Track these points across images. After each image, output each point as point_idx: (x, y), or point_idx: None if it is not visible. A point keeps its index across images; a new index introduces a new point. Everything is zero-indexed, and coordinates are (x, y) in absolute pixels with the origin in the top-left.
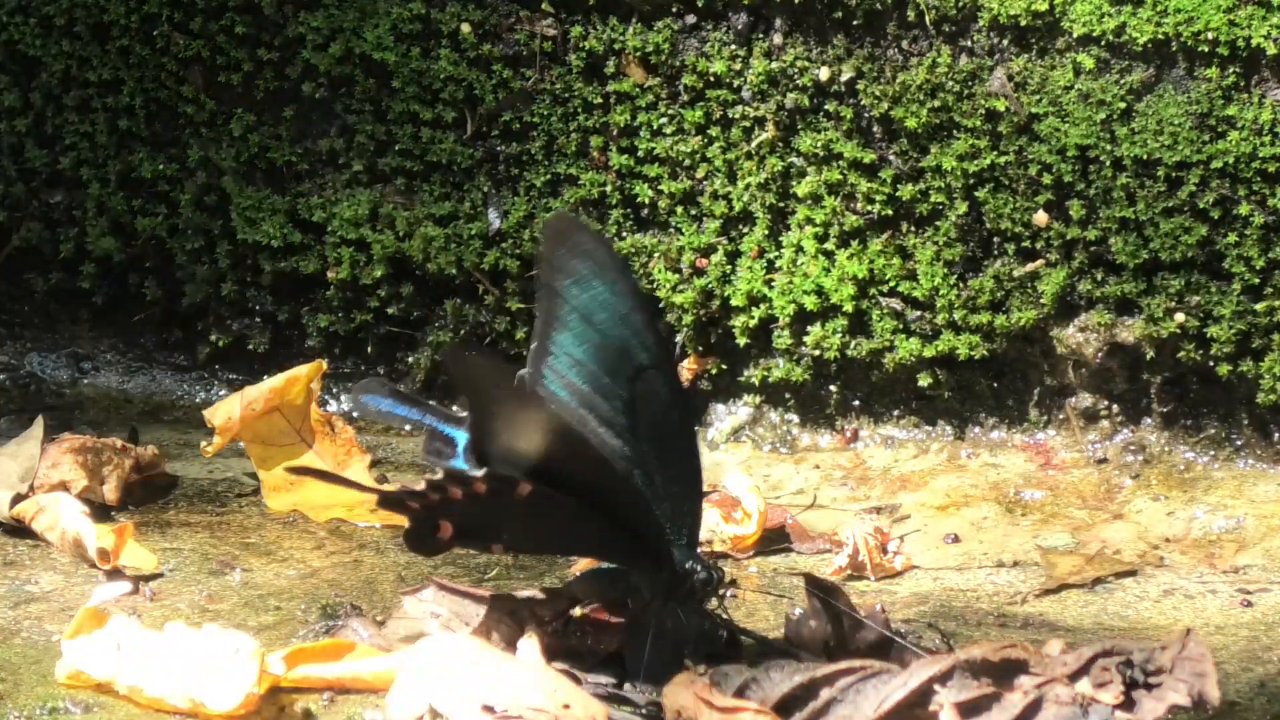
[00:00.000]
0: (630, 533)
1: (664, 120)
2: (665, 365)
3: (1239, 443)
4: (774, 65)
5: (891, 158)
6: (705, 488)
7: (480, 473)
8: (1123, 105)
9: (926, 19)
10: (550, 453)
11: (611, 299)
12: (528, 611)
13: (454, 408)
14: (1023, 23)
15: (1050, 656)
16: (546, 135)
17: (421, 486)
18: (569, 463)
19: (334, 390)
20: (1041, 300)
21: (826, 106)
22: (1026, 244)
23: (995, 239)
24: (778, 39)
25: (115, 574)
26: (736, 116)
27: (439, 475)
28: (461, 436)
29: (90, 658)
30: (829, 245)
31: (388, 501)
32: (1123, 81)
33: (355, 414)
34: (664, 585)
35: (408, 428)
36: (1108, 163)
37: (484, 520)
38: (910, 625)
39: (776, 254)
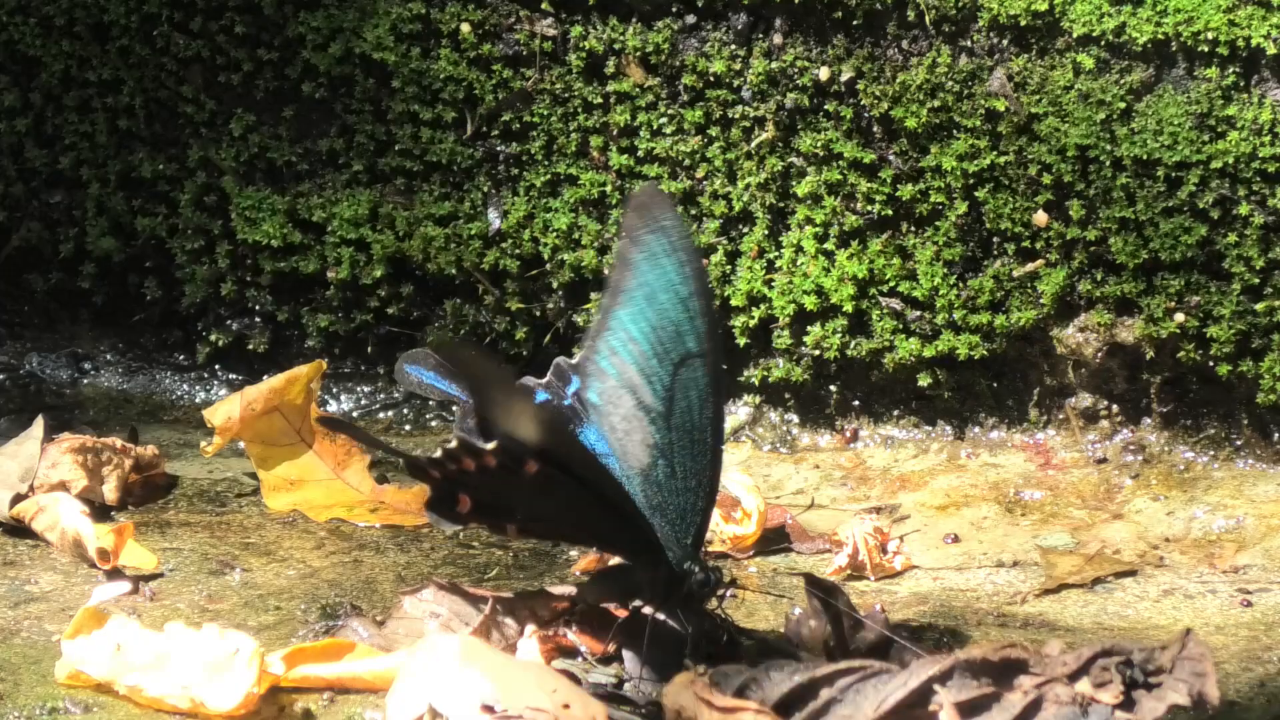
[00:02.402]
0: (629, 529)
1: (664, 120)
2: (710, 354)
3: (1239, 443)
4: (774, 65)
5: (891, 158)
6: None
7: (491, 445)
8: (1123, 105)
9: (926, 19)
10: (545, 443)
11: (677, 280)
12: (528, 611)
13: None
14: (1023, 23)
15: (1050, 656)
16: (546, 135)
17: (438, 454)
18: (564, 455)
19: (334, 390)
20: (1041, 300)
21: (826, 106)
22: (1026, 244)
23: (995, 239)
24: (777, 39)
25: (115, 574)
26: (736, 116)
27: (454, 444)
28: None
29: (90, 658)
30: (829, 245)
31: (413, 467)
32: (1123, 81)
33: (401, 382)
34: (662, 586)
35: (434, 423)
36: (1108, 163)
37: (498, 496)
38: (910, 625)
39: (776, 254)
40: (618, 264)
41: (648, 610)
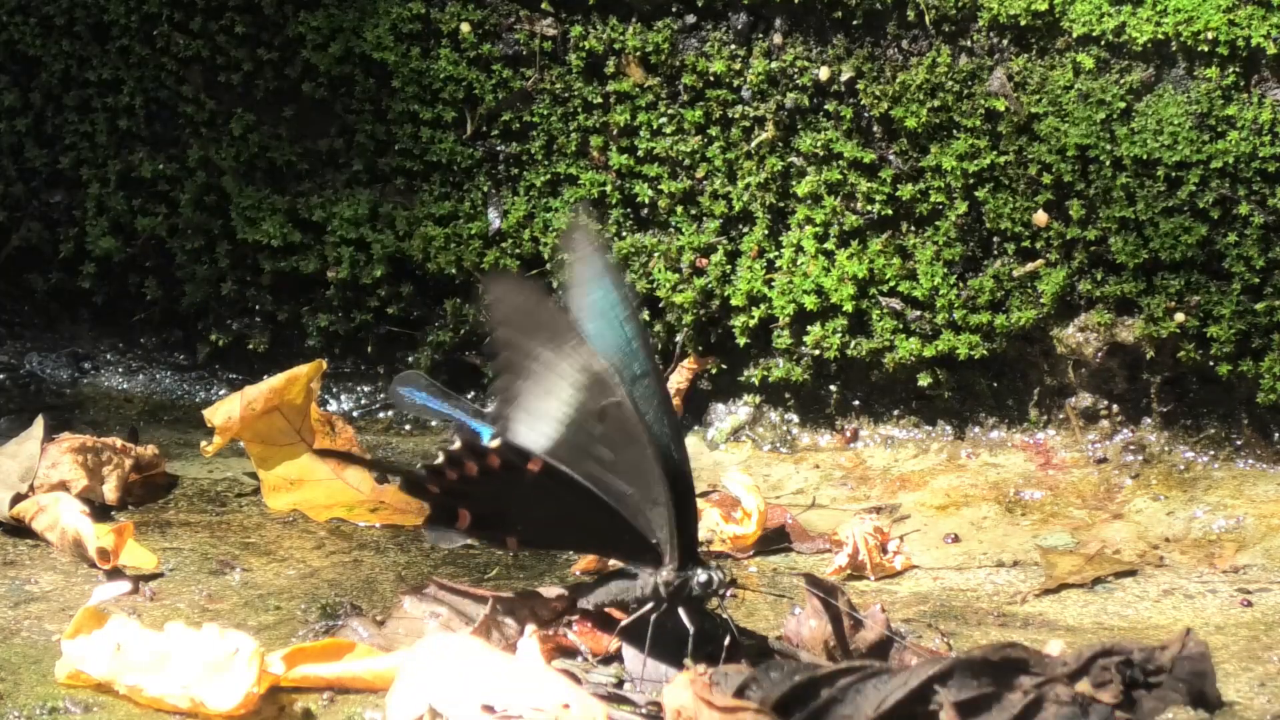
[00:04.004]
0: (637, 528)
1: (664, 120)
2: (654, 376)
3: (1239, 443)
4: (774, 65)
5: (891, 157)
6: (705, 487)
7: (495, 444)
8: (1122, 105)
9: (926, 19)
10: (585, 403)
11: (615, 304)
12: (528, 611)
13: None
14: (1023, 23)
15: (1050, 656)
16: (546, 135)
17: (440, 460)
18: (602, 418)
19: (334, 390)
20: (1041, 300)
21: (826, 106)
22: (1026, 244)
23: (995, 239)
24: (777, 39)
25: (115, 574)
26: (736, 116)
27: (457, 446)
28: (486, 431)
29: (90, 657)
30: (829, 245)
31: (410, 484)
32: (1123, 81)
33: (389, 403)
34: (665, 587)
35: (434, 423)
36: (1108, 163)
37: (499, 503)
38: (910, 625)
39: (776, 254)
40: (572, 282)
41: (649, 611)
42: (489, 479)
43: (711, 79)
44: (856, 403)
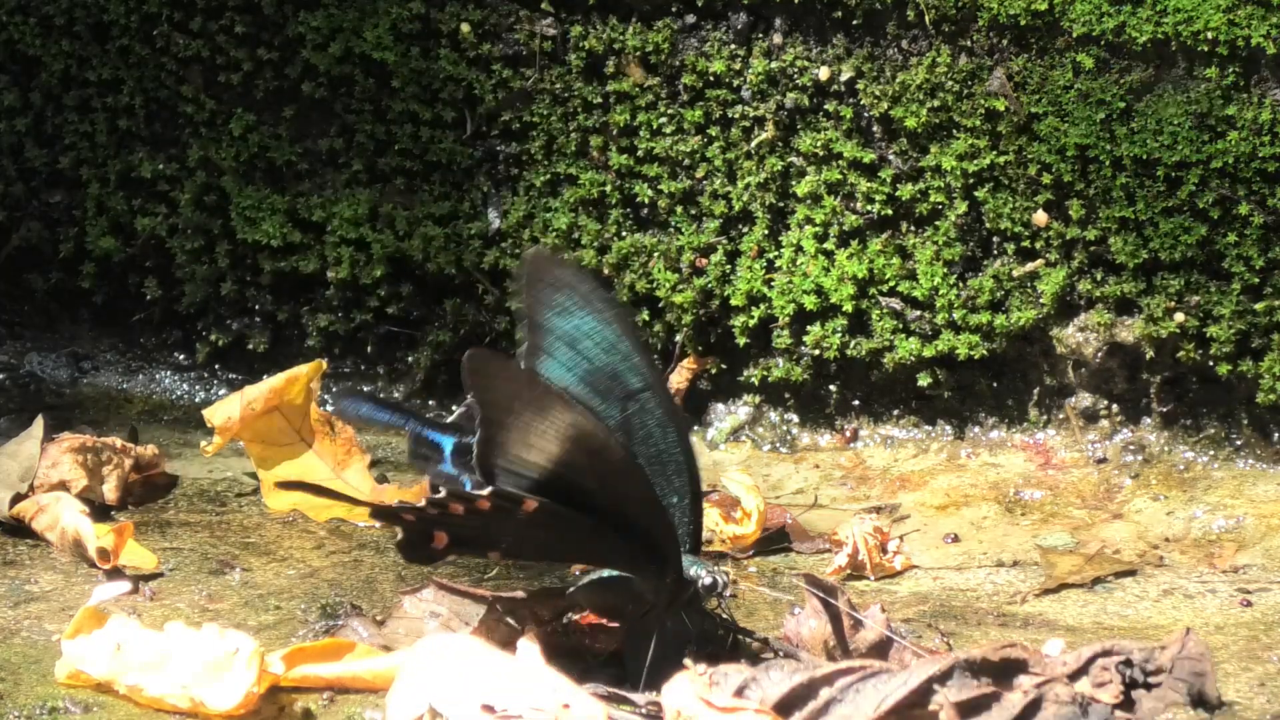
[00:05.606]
0: (637, 541)
1: (664, 120)
2: (657, 387)
3: (1239, 442)
4: (774, 65)
5: (891, 157)
6: (705, 488)
7: (485, 491)
8: (1122, 105)
9: (926, 19)
10: (571, 455)
11: (598, 327)
12: (528, 611)
13: (443, 414)
14: (1022, 22)
15: (1050, 656)
16: (546, 135)
17: (423, 503)
18: (591, 465)
19: (334, 390)
20: (1041, 300)
21: (826, 106)
22: (1026, 244)
23: (995, 239)
24: (777, 39)
25: (115, 574)
26: (736, 116)
27: (441, 494)
28: (448, 442)
29: (90, 657)
30: (829, 245)
31: (381, 514)
32: (1122, 81)
33: (343, 417)
34: (668, 592)
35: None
36: (1107, 162)
37: (482, 532)
38: (910, 625)
39: (776, 254)
40: (529, 328)
41: (651, 615)
42: (475, 516)
43: (711, 79)
44: (856, 403)
